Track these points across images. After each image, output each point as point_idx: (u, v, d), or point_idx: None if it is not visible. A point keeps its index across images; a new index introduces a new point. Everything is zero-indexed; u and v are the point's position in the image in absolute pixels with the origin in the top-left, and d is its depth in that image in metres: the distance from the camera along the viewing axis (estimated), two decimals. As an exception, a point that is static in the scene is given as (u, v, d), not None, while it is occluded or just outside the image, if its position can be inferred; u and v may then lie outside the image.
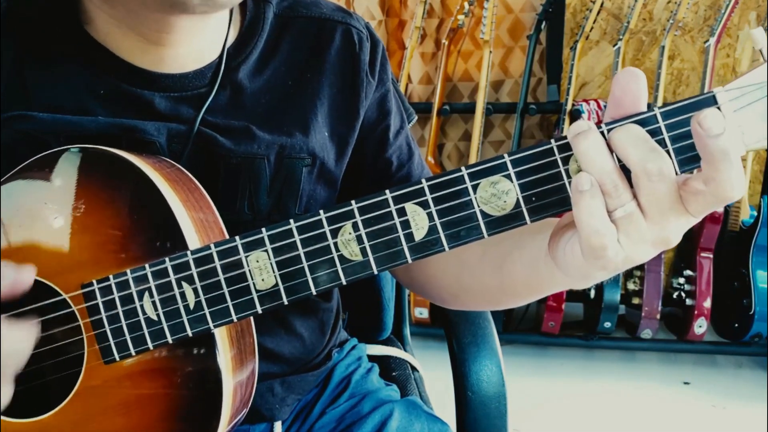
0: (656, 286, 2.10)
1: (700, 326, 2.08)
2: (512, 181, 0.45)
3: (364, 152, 0.73)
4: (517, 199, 0.45)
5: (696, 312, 2.07)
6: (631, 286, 2.16)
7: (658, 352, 2.26)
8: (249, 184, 0.66)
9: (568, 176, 0.44)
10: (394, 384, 0.86)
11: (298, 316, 0.75)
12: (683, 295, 2.14)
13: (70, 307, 0.55)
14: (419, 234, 0.47)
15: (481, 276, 0.61)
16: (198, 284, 0.51)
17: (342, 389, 0.80)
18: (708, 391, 2.03)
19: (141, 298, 0.52)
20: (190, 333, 0.52)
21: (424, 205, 0.47)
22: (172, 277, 0.52)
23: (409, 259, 0.48)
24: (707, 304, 2.07)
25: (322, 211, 0.49)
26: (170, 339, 0.53)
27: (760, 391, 1.99)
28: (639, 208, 0.43)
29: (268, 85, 0.68)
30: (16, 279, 0.53)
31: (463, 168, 0.46)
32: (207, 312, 0.51)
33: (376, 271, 0.48)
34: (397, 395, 0.82)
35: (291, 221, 0.49)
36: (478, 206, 0.46)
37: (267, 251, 0.50)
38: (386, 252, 0.48)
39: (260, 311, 0.51)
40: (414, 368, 0.97)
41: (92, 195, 0.56)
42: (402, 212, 0.47)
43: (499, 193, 0.46)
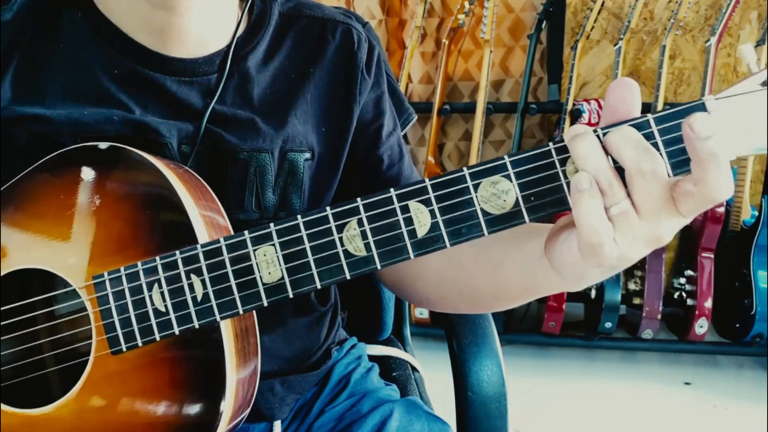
0: (657, 286, 2.10)
1: (701, 326, 2.08)
2: (512, 181, 0.47)
3: (357, 148, 0.75)
4: (517, 198, 0.47)
5: (697, 312, 2.07)
6: (632, 287, 2.16)
7: (659, 352, 2.26)
8: (256, 179, 0.68)
9: (566, 177, 0.46)
10: (394, 384, 0.86)
11: (296, 314, 0.76)
12: (684, 295, 2.14)
13: (80, 298, 0.56)
14: (422, 231, 0.49)
15: (472, 278, 0.63)
16: (206, 276, 0.52)
17: (341, 388, 0.80)
18: (709, 392, 2.03)
19: (150, 289, 0.54)
20: (196, 324, 0.53)
21: (427, 202, 0.48)
22: (181, 269, 0.53)
23: (412, 255, 0.49)
24: (708, 304, 2.07)
25: (328, 207, 0.50)
26: (177, 330, 0.53)
27: (761, 392, 1.99)
28: (633, 206, 0.44)
29: (273, 77, 0.71)
30: None
31: (464, 168, 0.48)
32: (214, 303, 0.52)
33: (379, 267, 0.50)
34: (396, 395, 0.83)
35: (298, 216, 0.51)
36: (479, 205, 0.48)
37: (274, 245, 0.51)
38: (390, 248, 0.49)
39: (266, 304, 0.52)
40: (414, 368, 0.97)
41: (107, 190, 0.58)
42: (405, 209, 0.49)
43: (499, 193, 0.47)
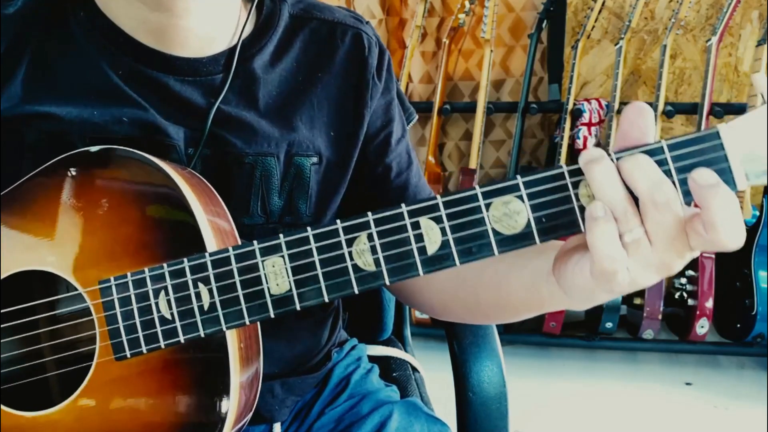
0: (658, 286, 2.09)
1: (702, 327, 2.07)
2: (524, 202, 0.47)
3: (366, 156, 0.74)
4: (528, 219, 0.47)
5: (698, 312, 2.06)
6: (632, 287, 2.15)
7: (659, 352, 2.25)
8: (261, 184, 0.67)
9: (578, 200, 0.46)
10: (394, 385, 0.86)
11: (299, 317, 0.75)
12: (685, 295, 2.14)
13: (86, 302, 0.55)
14: (432, 248, 0.48)
15: (476, 291, 0.63)
16: (213, 285, 0.52)
17: (341, 389, 0.80)
18: (710, 392, 2.02)
19: (156, 296, 0.53)
20: (202, 333, 0.52)
21: (438, 220, 0.48)
22: (189, 278, 0.52)
23: (421, 272, 0.48)
24: (709, 304, 2.06)
25: (338, 221, 0.50)
26: (182, 338, 0.53)
27: (762, 392, 1.99)
28: (645, 234, 0.44)
29: (280, 79, 0.70)
30: None
31: (477, 186, 0.47)
32: (221, 313, 0.52)
33: (388, 282, 0.49)
34: (396, 396, 0.82)
35: (308, 228, 0.50)
36: (490, 224, 0.47)
37: (283, 257, 0.50)
38: (399, 264, 0.49)
39: (273, 315, 0.51)
40: (415, 369, 0.97)
41: (115, 194, 0.57)
42: (416, 226, 0.48)
43: (511, 213, 0.47)
